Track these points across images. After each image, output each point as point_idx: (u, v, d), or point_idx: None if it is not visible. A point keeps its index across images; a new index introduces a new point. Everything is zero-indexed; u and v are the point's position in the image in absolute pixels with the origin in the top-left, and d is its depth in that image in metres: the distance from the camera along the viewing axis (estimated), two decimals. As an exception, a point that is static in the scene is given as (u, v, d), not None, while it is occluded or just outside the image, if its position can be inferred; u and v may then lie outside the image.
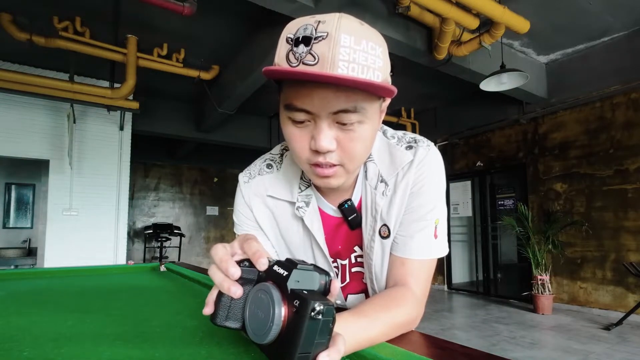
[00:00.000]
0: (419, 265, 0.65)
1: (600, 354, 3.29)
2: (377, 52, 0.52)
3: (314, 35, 0.50)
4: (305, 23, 0.52)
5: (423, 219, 0.66)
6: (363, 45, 0.51)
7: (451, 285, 6.89)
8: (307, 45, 0.50)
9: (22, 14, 3.76)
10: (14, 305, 0.91)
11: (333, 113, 0.52)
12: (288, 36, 0.52)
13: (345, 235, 0.72)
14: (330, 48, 0.49)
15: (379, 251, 0.68)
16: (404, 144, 0.68)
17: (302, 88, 0.52)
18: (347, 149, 0.56)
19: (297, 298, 0.36)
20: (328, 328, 0.35)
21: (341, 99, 0.51)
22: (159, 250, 8.54)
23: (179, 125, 6.35)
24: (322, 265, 0.74)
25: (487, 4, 3.22)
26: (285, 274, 0.37)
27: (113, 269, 1.65)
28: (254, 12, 3.61)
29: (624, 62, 4.39)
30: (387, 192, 0.67)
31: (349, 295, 0.78)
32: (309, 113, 0.53)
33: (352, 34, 0.50)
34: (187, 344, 0.57)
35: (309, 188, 0.71)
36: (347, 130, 0.55)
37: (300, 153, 0.58)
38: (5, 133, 4.67)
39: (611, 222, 4.67)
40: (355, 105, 0.52)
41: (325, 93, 0.51)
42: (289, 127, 0.57)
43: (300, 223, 0.71)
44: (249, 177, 0.74)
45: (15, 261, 5.76)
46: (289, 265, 0.38)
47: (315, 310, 0.34)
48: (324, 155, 0.56)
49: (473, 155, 6.51)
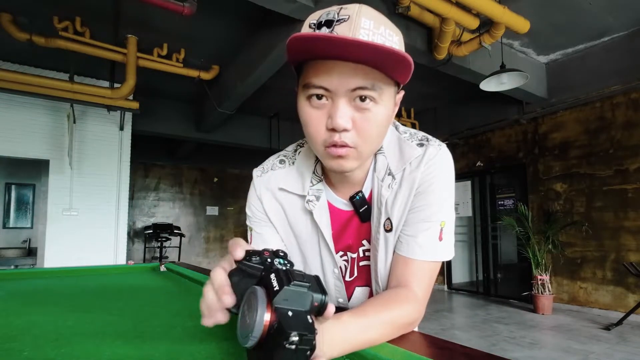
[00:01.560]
0: (422, 267, 0.65)
1: (600, 354, 3.29)
2: (394, 40, 0.55)
3: (336, 19, 0.53)
4: (328, 10, 0.55)
5: (428, 220, 0.65)
6: (382, 30, 0.53)
7: (451, 285, 6.89)
8: (329, 27, 0.53)
9: (22, 14, 3.76)
10: (14, 305, 0.91)
11: (351, 90, 0.54)
12: (311, 22, 0.55)
13: (356, 229, 0.73)
14: (351, 29, 0.52)
15: (382, 244, 0.68)
16: (415, 140, 0.68)
17: (321, 66, 0.54)
18: (362, 129, 0.57)
19: (279, 318, 0.35)
20: (305, 356, 0.35)
21: (359, 76, 0.53)
22: (159, 250, 8.53)
23: (179, 125, 6.35)
24: (327, 264, 0.74)
25: (487, 4, 3.22)
26: (276, 289, 0.37)
27: (113, 269, 1.65)
28: (254, 12, 3.61)
29: (624, 62, 4.39)
30: (393, 185, 0.66)
31: (356, 287, 0.78)
32: (327, 90, 0.54)
33: (372, 19, 0.53)
34: (187, 344, 0.57)
35: (321, 182, 0.71)
36: (363, 110, 0.56)
37: (316, 135, 0.58)
38: (5, 133, 4.67)
39: (611, 222, 4.67)
40: (373, 84, 0.54)
41: (345, 69, 0.53)
42: (306, 108, 0.58)
43: (309, 217, 0.72)
44: (262, 172, 0.75)
45: (15, 261, 5.76)
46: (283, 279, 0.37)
47: (289, 340, 0.33)
48: (339, 134, 0.56)
49: (473, 155, 6.52)
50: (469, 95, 6.02)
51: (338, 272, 0.75)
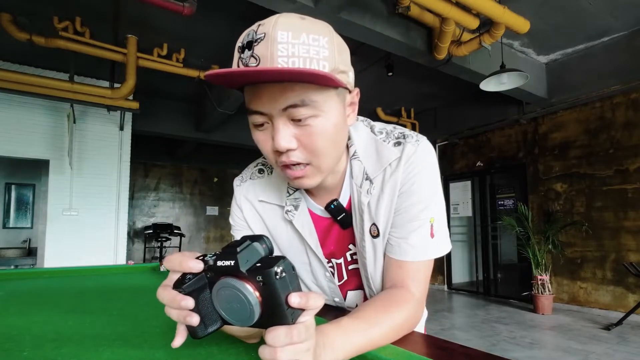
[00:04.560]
0: (416, 267, 0.64)
1: (600, 354, 3.29)
2: (321, 43, 0.52)
3: (255, 39, 0.51)
4: (249, 30, 0.53)
5: (416, 219, 0.64)
6: (303, 38, 0.51)
7: (451, 285, 6.89)
8: (249, 49, 0.52)
9: (22, 14, 3.76)
10: (14, 305, 0.91)
11: (283, 110, 0.52)
12: (238, 45, 0.54)
13: (338, 235, 0.72)
14: (268, 47, 0.50)
15: (370, 250, 0.68)
16: (392, 139, 0.67)
17: (254, 91, 0.53)
18: (308, 145, 0.55)
19: (257, 274, 0.38)
20: (293, 275, 0.39)
21: (288, 95, 0.51)
22: (159, 250, 8.54)
23: (179, 125, 6.35)
24: (317, 268, 0.74)
25: (487, 4, 3.22)
26: (233, 263, 0.39)
27: (113, 269, 1.65)
28: (254, 12, 3.60)
29: (624, 62, 4.39)
30: (372, 190, 0.65)
31: (348, 291, 0.78)
32: (264, 114, 0.54)
33: (289, 30, 0.51)
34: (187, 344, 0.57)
35: (298, 191, 0.71)
36: (304, 126, 0.54)
37: (269, 156, 0.59)
38: (5, 133, 4.67)
39: (611, 222, 4.67)
40: (303, 99, 0.52)
41: (273, 91, 0.52)
42: (254, 131, 0.58)
43: (290, 226, 0.72)
44: (241, 181, 0.77)
45: (15, 261, 5.76)
46: (230, 254, 0.39)
47: (278, 273, 0.37)
48: (286, 154, 0.56)
49: (473, 155, 6.51)
50: (469, 95, 6.03)
51: (330, 275, 0.75)
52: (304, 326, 0.39)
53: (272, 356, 0.37)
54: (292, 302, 0.38)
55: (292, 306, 0.38)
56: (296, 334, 0.38)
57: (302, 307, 0.38)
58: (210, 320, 0.43)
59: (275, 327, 0.38)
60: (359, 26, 3.41)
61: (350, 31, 3.44)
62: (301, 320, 0.39)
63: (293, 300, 0.38)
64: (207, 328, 0.43)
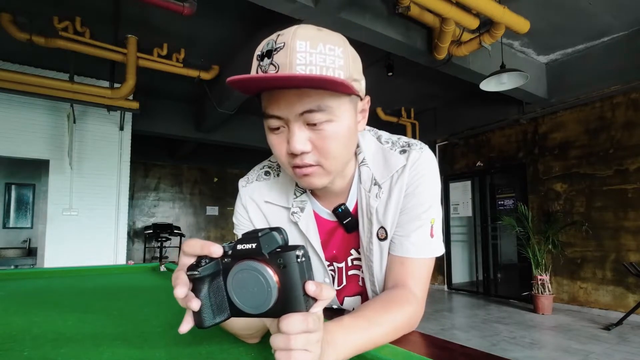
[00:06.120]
0: (417, 265, 0.67)
1: (600, 354, 3.29)
2: (337, 52, 0.56)
3: (274, 47, 0.55)
4: (269, 39, 0.57)
5: (419, 218, 0.67)
6: (320, 48, 0.54)
7: (451, 285, 6.89)
8: (269, 58, 0.55)
9: (22, 14, 3.76)
10: (14, 305, 0.91)
11: (300, 114, 0.55)
12: (257, 54, 0.58)
13: (341, 239, 0.74)
14: (287, 55, 0.53)
15: (377, 253, 0.70)
16: (397, 148, 0.71)
17: (271, 96, 0.56)
18: (321, 148, 0.58)
19: (278, 257, 0.39)
20: (309, 264, 0.41)
21: (305, 101, 0.55)
22: (159, 250, 8.54)
23: (179, 125, 6.35)
24: (318, 269, 0.76)
25: (487, 4, 3.22)
26: (255, 245, 0.40)
27: (113, 269, 1.65)
28: (254, 12, 3.61)
29: (624, 62, 4.39)
30: (381, 195, 0.68)
31: (346, 297, 0.79)
32: (280, 118, 0.57)
33: (307, 40, 0.54)
34: (187, 344, 0.57)
35: (304, 194, 0.73)
36: (318, 130, 0.57)
37: (281, 158, 0.61)
38: (5, 133, 4.67)
39: (611, 222, 4.67)
40: (319, 104, 0.55)
41: (290, 97, 0.55)
42: (269, 135, 0.61)
43: (294, 228, 0.74)
44: (247, 182, 0.78)
45: (15, 261, 5.77)
46: (251, 238, 0.41)
47: (299, 256, 0.39)
48: (300, 157, 0.59)
49: (473, 155, 6.51)
50: (469, 95, 6.02)
51: (329, 281, 0.76)
52: (317, 316, 0.40)
53: (285, 344, 0.38)
54: (309, 289, 0.39)
55: (308, 294, 0.39)
56: (311, 322, 0.38)
57: (316, 297, 0.39)
58: (218, 308, 0.43)
59: (290, 314, 0.38)
60: (359, 26, 3.41)
61: (350, 31, 3.44)
62: (313, 311, 0.40)
63: (310, 287, 0.39)
64: (215, 317, 0.43)
